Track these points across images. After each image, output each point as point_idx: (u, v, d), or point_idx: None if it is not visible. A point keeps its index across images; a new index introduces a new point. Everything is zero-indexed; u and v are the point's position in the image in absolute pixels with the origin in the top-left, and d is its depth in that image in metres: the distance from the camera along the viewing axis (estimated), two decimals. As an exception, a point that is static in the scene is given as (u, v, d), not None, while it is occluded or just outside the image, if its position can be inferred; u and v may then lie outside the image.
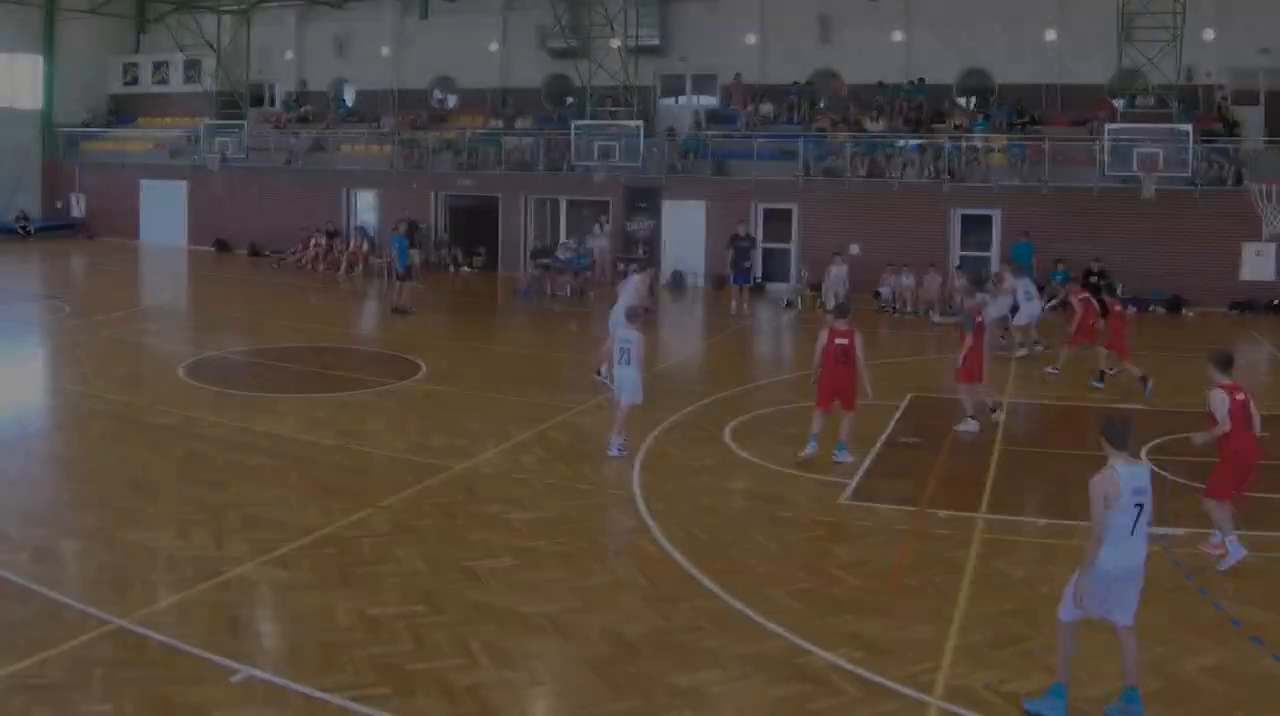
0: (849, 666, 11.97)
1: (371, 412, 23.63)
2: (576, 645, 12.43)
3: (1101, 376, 27.50)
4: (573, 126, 48.88)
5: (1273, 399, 26.42)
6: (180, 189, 60.73)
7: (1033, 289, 30.88)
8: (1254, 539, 15.94)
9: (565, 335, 36.35)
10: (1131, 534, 10.89)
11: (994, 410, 23.49)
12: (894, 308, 41.02)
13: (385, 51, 60.39)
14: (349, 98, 62.52)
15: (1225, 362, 15.58)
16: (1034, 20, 47.78)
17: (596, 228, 48.34)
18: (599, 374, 25.88)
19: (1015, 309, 31.68)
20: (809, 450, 20.36)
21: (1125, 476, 10.88)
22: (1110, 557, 10.86)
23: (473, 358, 30.54)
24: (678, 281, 47.66)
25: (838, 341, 20.21)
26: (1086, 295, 28.95)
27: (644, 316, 23.41)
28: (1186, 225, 41.38)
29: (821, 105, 50.25)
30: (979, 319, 23.29)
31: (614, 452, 20.52)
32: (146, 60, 66.80)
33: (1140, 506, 10.89)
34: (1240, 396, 15.27)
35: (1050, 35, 47.69)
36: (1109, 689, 11.43)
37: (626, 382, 20.74)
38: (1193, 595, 14.11)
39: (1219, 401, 15.17)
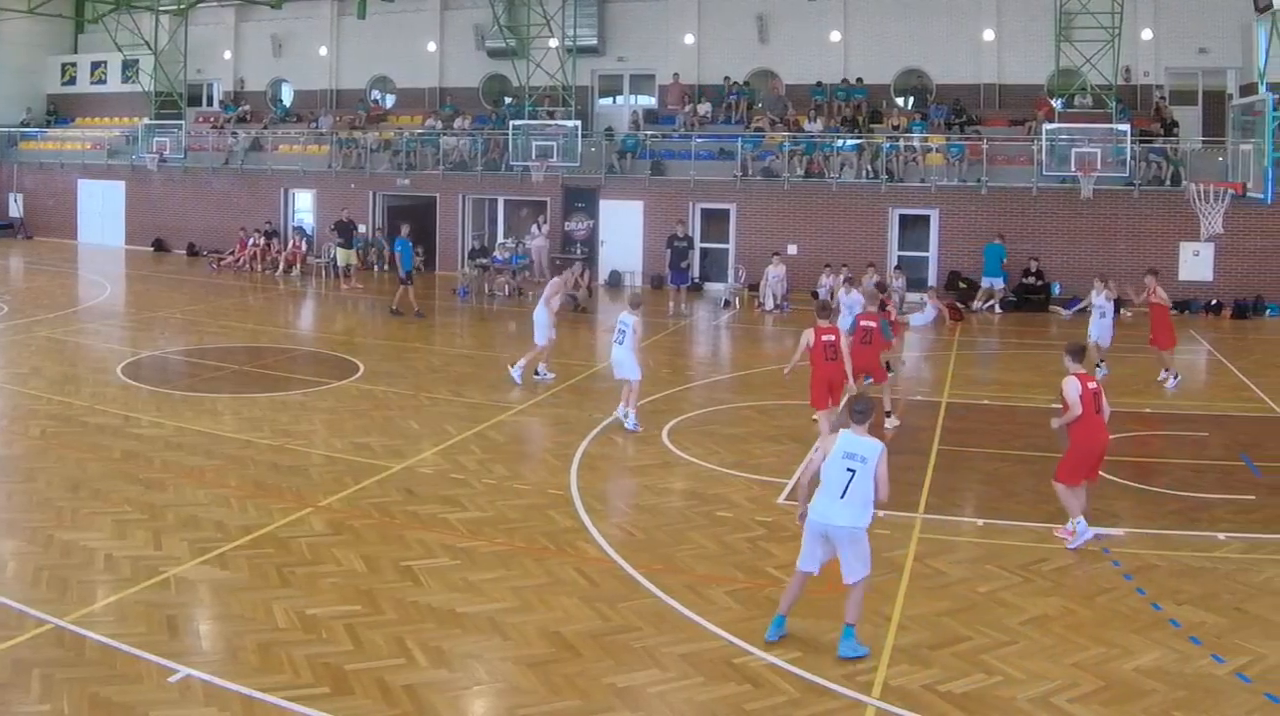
0: (787, 666, 12.07)
1: (309, 412, 23.55)
2: (514, 645, 12.46)
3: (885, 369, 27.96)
4: (511, 126, 48.79)
5: (1208, 400, 26.79)
6: (118, 189, 60.44)
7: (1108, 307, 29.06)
8: (1191, 539, 16.27)
9: (503, 335, 36.27)
10: (841, 497, 12.25)
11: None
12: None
13: (323, 51, 60.32)
14: (287, 97, 62.33)
15: (1077, 353, 16.65)
16: (972, 20, 48.18)
17: (535, 227, 48.30)
18: (536, 373, 27.11)
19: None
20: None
21: (844, 439, 12.45)
22: (816, 507, 12.25)
23: (411, 358, 30.47)
24: (615, 281, 47.68)
25: (825, 338, 21.11)
26: (1161, 299, 28.19)
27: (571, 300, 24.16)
28: (1125, 225, 41.78)
29: (759, 105, 50.39)
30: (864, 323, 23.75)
31: (629, 426, 22.49)
32: (84, 60, 66.39)
33: (852, 472, 12.23)
34: (1092, 385, 16.18)
35: (988, 35, 48.02)
36: (1044, 689, 11.62)
37: (622, 362, 22.78)
38: (1131, 595, 14.26)
39: (1071, 388, 16.06)
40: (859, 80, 49.33)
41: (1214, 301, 40.91)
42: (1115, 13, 40.93)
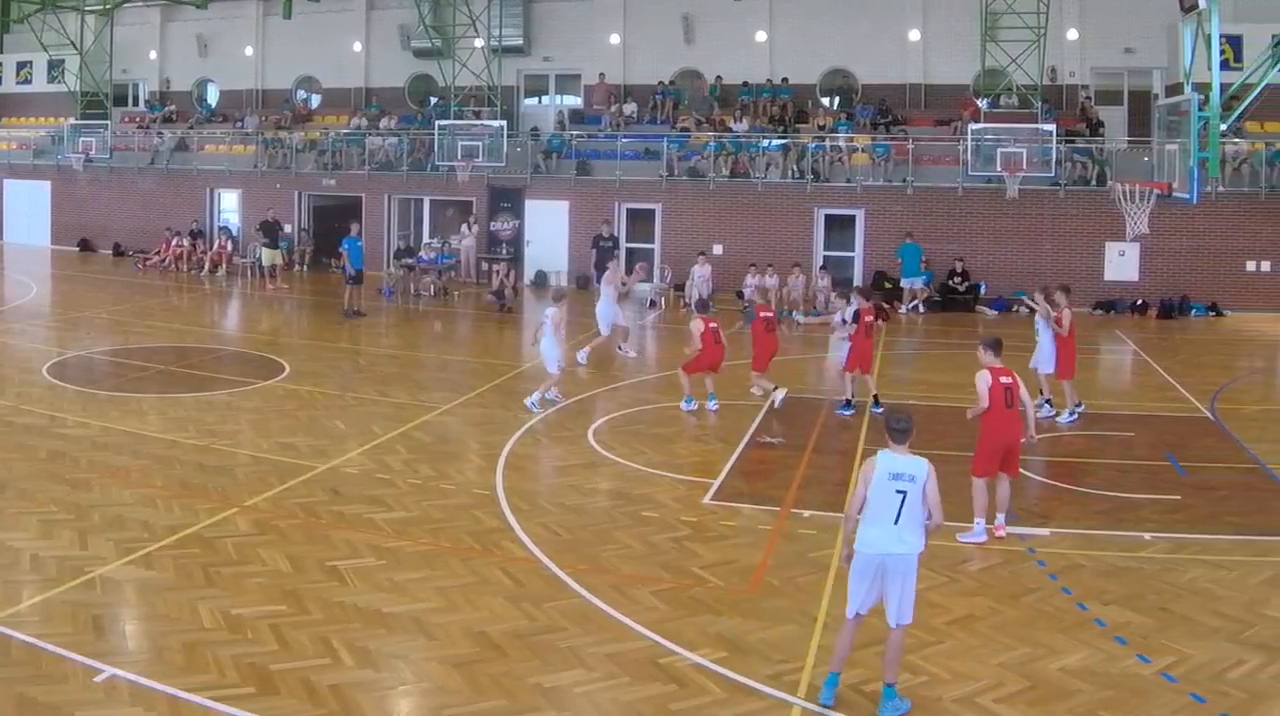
0: (713, 666, 12.12)
1: (235, 412, 23.44)
2: (440, 645, 12.49)
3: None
4: (436, 126, 48.67)
5: (1134, 400, 27.05)
6: (44, 189, 59.82)
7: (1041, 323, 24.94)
8: (1117, 539, 16.42)
9: (429, 335, 36.25)
10: (895, 522, 11.26)
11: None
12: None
13: (249, 51, 59.96)
14: (212, 97, 61.98)
15: (994, 347, 16.96)
16: (897, 20, 48.55)
17: (464, 227, 48.28)
18: (620, 348, 30.93)
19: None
20: (693, 406, 23.89)
21: (884, 460, 11.44)
22: (866, 539, 11.31)
23: (336, 357, 30.40)
24: (541, 281, 47.59)
25: (711, 326, 24.63)
26: (1062, 328, 24.23)
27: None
28: (1050, 225, 42.12)
29: (685, 104, 50.48)
30: (764, 314, 26.21)
31: (528, 403, 24.21)
32: (10, 60, 65.70)
33: (903, 494, 11.28)
34: (1005, 379, 16.48)
35: (914, 35, 48.39)
36: (969, 689, 11.73)
37: (543, 352, 24.83)
38: (1057, 595, 14.37)
39: (982, 381, 16.46)
40: (784, 80, 49.52)
41: (1140, 301, 41.26)
42: (1041, 13, 41.40)
